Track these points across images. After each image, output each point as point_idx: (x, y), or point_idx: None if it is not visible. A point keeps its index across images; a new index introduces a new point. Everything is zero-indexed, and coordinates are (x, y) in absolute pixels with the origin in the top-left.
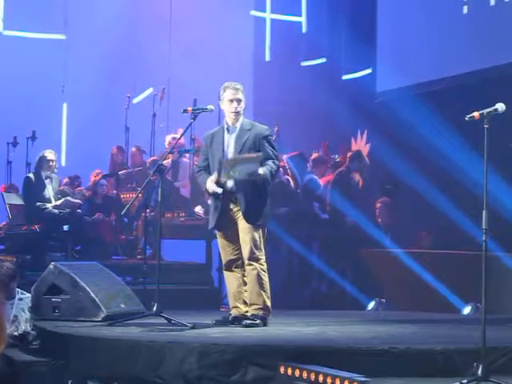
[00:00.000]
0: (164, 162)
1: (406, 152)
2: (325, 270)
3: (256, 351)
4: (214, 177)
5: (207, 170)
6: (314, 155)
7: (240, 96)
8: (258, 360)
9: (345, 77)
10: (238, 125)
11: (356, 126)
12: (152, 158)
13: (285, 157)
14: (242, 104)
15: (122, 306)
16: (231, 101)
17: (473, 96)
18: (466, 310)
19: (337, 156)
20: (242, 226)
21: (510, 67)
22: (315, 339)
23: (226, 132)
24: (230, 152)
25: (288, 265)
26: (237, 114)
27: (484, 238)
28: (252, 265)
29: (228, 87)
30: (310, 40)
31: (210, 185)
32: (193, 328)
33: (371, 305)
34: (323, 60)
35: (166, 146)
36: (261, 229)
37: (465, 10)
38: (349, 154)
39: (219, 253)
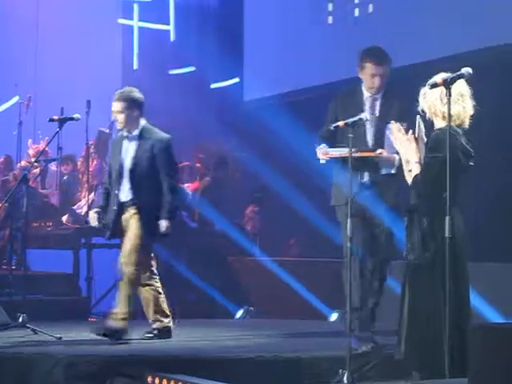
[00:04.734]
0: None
1: (273, 160)
2: (193, 278)
3: (123, 362)
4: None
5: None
6: (181, 164)
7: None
8: (125, 371)
9: (213, 85)
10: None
11: (224, 134)
12: (20, 165)
13: None
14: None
15: None
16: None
17: None
18: (333, 316)
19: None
20: None
21: None
22: (182, 348)
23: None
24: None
25: None
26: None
27: (349, 245)
28: None
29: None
30: (179, 48)
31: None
32: (60, 339)
33: (239, 313)
34: (192, 68)
35: (31, 155)
36: None
37: (330, 20)
38: (213, 161)
39: (87, 262)
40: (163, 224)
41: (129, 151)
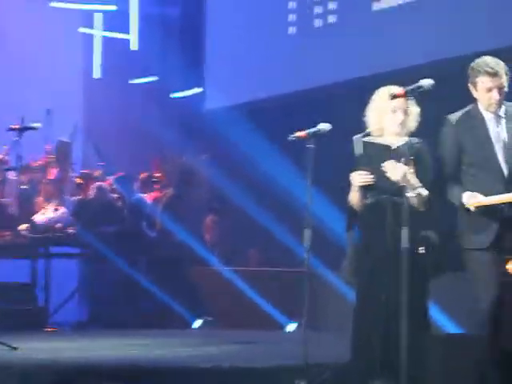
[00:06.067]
0: None
1: (233, 170)
2: (152, 288)
3: (80, 372)
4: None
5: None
6: (143, 175)
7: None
8: (82, 381)
9: (174, 95)
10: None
11: (185, 144)
12: None
13: (112, 178)
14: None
15: None
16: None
17: (298, 116)
18: (290, 327)
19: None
20: None
21: (333, 87)
22: (139, 358)
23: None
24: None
25: (114, 284)
26: None
27: (306, 256)
28: None
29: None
30: (141, 58)
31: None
32: (15, 349)
33: (197, 323)
34: (154, 78)
35: None
36: None
37: (290, 30)
38: (177, 173)
39: (45, 272)
40: None
41: None
